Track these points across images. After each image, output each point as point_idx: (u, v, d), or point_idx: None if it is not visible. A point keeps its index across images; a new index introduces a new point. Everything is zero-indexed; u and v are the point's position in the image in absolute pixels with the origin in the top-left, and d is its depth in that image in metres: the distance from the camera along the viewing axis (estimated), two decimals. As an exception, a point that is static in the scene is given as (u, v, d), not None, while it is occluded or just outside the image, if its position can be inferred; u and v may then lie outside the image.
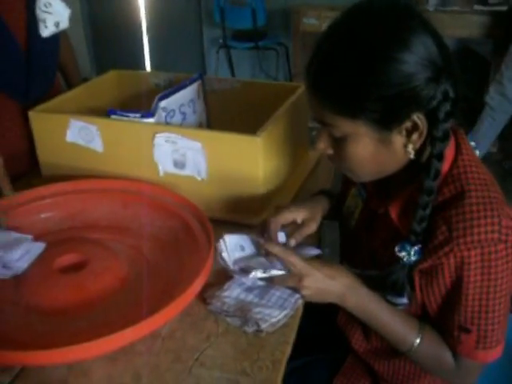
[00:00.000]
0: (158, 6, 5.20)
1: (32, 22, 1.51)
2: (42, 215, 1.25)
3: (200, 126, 1.52)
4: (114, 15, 5.40)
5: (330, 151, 0.97)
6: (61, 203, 1.27)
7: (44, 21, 1.51)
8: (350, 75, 0.85)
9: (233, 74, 4.98)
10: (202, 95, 1.52)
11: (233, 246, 1.07)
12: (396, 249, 0.96)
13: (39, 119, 1.37)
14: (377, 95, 0.84)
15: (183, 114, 1.43)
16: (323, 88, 0.89)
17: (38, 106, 1.39)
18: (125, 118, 1.27)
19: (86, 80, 1.70)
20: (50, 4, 1.52)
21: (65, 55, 1.75)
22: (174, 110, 1.40)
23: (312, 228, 1.13)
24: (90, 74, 5.74)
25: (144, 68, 5.53)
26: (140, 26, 5.38)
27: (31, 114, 1.37)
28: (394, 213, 0.98)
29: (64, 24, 1.56)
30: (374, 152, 0.91)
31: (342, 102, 0.87)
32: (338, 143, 0.93)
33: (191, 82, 1.47)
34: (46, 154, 1.42)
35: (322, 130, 0.95)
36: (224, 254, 1.07)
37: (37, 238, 1.18)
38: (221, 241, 1.07)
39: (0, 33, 1.45)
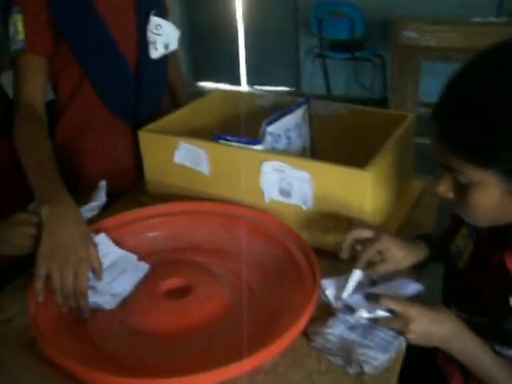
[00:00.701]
0: (255, 14, 5.27)
1: (142, 44, 1.56)
2: (149, 234, 1.29)
3: (304, 150, 1.52)
4: (212, 22, 5.52)
5: (451, 195, 0.94)
6: (166, 224, 1.30)
7: (154, 43, 1.56)
8: (488, 122, 0.82)
9: (327, 84, 4.97)
10: (307, 120, 1.51)
11: (337, 284, 1.06)
12: (511, 300, 0.92)
13: (148, 139, 1.41)
14: None
15: (289, 138, 1.43)
16: (454, 134, 0.86)
17: (147, 125, 1.43)
18: (232, 144, 1.29)
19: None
20: (160, 26, 1.56)
21: (173, 75, 1.80)
22: (279, 135, 1.40)
23: (402, 264, 1.11)
24: (187, 78, 5.89)
25: (238, 74, 5.62)
26: (237, 33, 5.47)
27: (140, 133, 1.42)
28: (510, 263, 0.94)
29: (173, 46, 1.61)
30: (498, 201, 0.87)
31: (475, 150, 0.84)
32: (461, 188, 0.90)
33: (298, 107, 1.47)
34: (153, 172, 1.46)
35: (446, 174, 0.92)
36: (328, 292, 1.06)
37: (142, 257, 1.21)
38: (325, 279, 1.07)
39: (111, 54, 1.51)
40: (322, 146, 1.53)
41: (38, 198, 1.10)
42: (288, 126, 1.42)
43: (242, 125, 1.50)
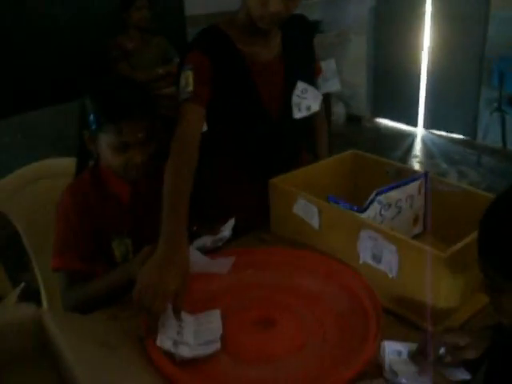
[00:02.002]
0: (440, 57, 5.31)
1: (287, 104, 1.79)
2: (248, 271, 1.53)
3: (415, 220, 1.65)
4: (398, 61, 5.65)
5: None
6: (273, 264, 1.53)
7: (298, 105, 1.78)
8: None
9: (503, 140, 4.85)
10: (423, 191, 1.64)
11: (392, 349, 1.20)
12: None
13: (275, 188, 1.65)
14: None
15: (399, 208, 1.58)
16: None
17: (278, 175, 1.67)
18: (341, 207, 1.47)
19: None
20: (306, 90, 1.78)
21: (318, 131, 2.01)
22: (390, 204, 1.55)
23: (471, 355, 1.19)
24: (365, 113, 6.08)
25: (416, 115, 5.67)
26: (419, 75, 5.54)
27: (270, 182, 1.66)
28: None
29: (315, 108, 1.82)
30: None
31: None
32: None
33: (414, 180, 1.60)
34: (277, 215, 1.71)
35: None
36: (384, 354, 1.20)
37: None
38: (387, 341, 1.21)
39: (256, 108, 1.75)
40: (435, 219, 1.64)
41: (161, 233, 1.37)
42: (400, 197, 1.57)
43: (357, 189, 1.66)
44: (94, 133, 1.55)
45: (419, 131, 5.72)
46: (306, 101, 1.80)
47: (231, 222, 1.52)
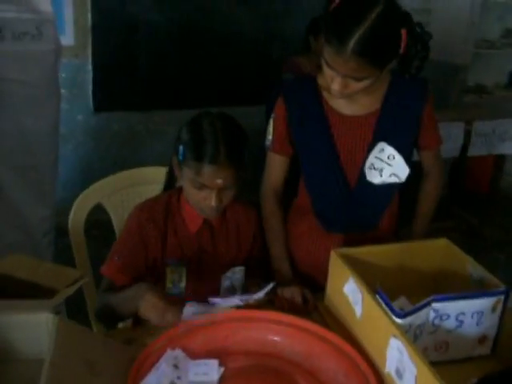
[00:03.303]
0: None
1: (367, 166, 1.66)
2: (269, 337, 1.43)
3: (482, 339, 1.43)
4: None
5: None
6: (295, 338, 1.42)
7: (381, 170, 1.63)
8: None
9: None
10: (499, 310, 1.41)
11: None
12: None
13: (337, 259, 1.52)
14: None
15: (460, 322, 1.38)
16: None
17: (345, 248, 1.55)
18: (383, 303, 1.32)
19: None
20: (393, 157, 1.62)
21: (423, 199, 1.85)
22: (448, 315, 1.37)
23: None
24: None
25: None
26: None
27: (333, 252, 1.54)
28: None
29: (399, 179, 1.65)
30: None
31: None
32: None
33: (490, 296, 1.39)
34: (331, 289, 1.60)
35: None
36: None
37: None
38: None
39: (333, 167, 1.67)
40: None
41: None
42: (463, 311, 1.37)
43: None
44: (180, 161, 1.57)
45: None
46: (390, 168, 1.66)
47: (270, 287, 1.47)
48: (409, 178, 1.72)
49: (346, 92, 1.54)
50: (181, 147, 1.56)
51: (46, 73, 2.64)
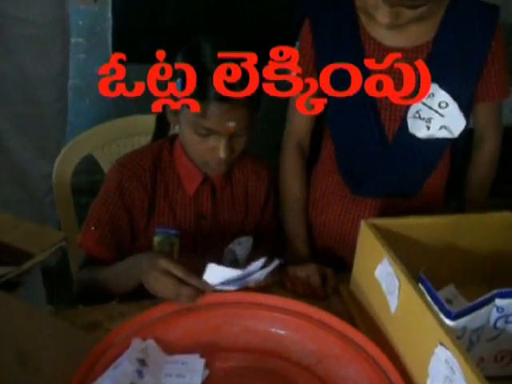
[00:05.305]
0: None
1: (411, 114, 1.33)
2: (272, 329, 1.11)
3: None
4: None
5: None
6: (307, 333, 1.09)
7: (428, 120, 1.28)
8: None
9: None
10: None
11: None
12: None
13: (368, 231, 1.16)
14: None
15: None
16: None
17: (379, 218, 1.20)
18: (427, 295, 0.97)
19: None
20: (446, 104, 1.27)
21: (478, 166, 1.47)
22: (514, 315, 1.01)
23: None
24: None
25: None
26: None
27: (363, 222, 1.18)
28: None
29: (452, 134, 1.30)
30: None
31: None
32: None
33: None
34: (358, 271, 1.25)
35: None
36: None
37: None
38: None
39: (370, 116, 1.35)
40: None
41: None
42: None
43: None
44: (177, 100, 1.22)
45: None
46: (441, 119, 1.30)
47: (275, 264, 1.15)
48: (465, 135, 1.37)
49: (397, 23, 1.23)
50: (178, 81, 1.21)
51: (51, 10, 2.38)
